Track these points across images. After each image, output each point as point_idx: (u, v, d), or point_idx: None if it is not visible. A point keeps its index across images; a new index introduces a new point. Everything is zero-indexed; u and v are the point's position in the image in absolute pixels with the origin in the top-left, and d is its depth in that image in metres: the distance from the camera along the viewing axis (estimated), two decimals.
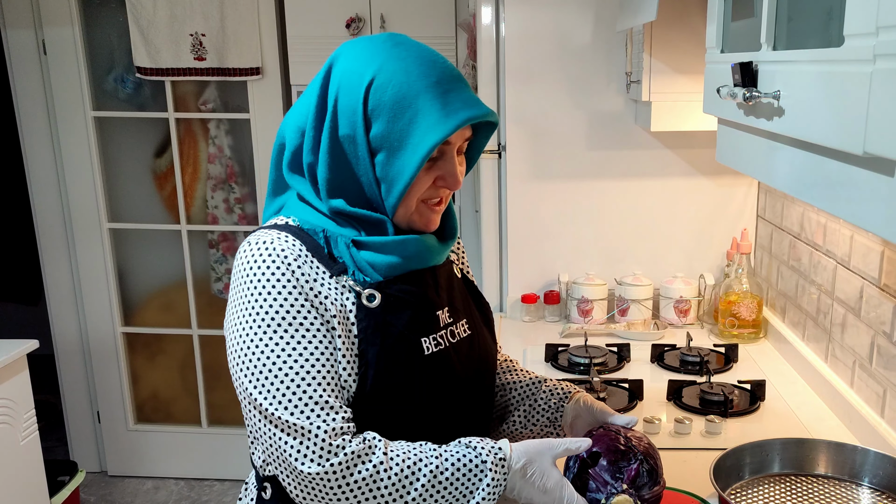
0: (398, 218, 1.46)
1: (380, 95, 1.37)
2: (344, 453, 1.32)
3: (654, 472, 1.50)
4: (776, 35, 1.45)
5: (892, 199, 1.02)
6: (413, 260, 1.47)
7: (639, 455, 1.50)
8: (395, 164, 1.39)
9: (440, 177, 1.44)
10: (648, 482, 1.49)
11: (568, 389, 1.73)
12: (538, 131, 2.97)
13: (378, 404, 1.42)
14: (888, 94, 0.98)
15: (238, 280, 1.40)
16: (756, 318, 2.74)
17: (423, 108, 1.37)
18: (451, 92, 1.39)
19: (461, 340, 1.55)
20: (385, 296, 1.43)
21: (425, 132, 1.36)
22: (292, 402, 1.33)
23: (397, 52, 1.41)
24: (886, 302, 1.95)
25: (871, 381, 2.05)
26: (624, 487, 1.45)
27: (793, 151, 1.39)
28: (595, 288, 2.93)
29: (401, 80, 1.37)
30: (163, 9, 3.79)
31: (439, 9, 3.78)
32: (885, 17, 0.98)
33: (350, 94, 1.40)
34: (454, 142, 1.43)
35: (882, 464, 1.74)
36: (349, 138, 1.40)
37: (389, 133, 1.38)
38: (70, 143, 4.11)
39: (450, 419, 1.53)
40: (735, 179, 2.96)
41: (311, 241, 1.43)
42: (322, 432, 1.32)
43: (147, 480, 4.53)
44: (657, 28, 2.47)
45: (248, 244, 1.41)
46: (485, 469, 1.38)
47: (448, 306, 1.55)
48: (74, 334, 4.37)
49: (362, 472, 1.32)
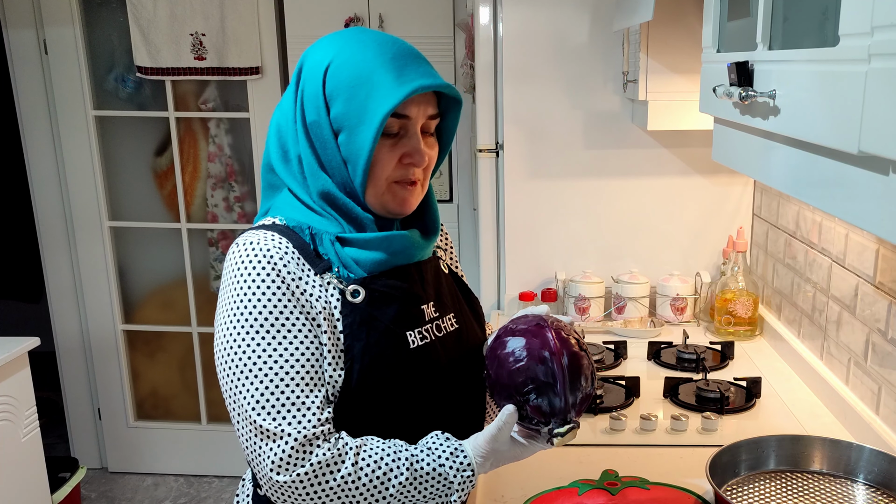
0: (371, 200, 1.46)
1: (337, 77, 1.39)
2: (310, 463, 1.33)
3: (538, 384, 1.45)
4: (772, 35, 1.45)
5: (886, 198, 1.03)
6: (397, 256, 1.48)
7: (518, 399, 1.46)
8: (356, 140, 1.40)
9: (405, 154, 1.44)
10: (550, 397, 1.45)
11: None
12: (535, 130, 2.97)
13: (364, 398, 1.42)
14: (883, 93, 0.98)
15: (226, 281, 1.41)
16: (752, 316, 2.75)
17: (378, 81, 1.37)
18: (408, 66, 1.40)
19: (448, 334, 1.56)
20: (369, 291, 1.44)
21: (379, 103, 1.36)
22: (270, 402, 1.34)
23: (357, 37, 1.43)
24: (881, 300, 1.95)
25: (865, 379, 2.05)
26: (545, 431, 1.46)
27: (788, 150, 1.39)
28: (592, 286, 2.94)
29: (357, 60, 1.39)
30: (163, 9, 3.80)
31: (437, 9, 3.79)
32: (880, 17, 0.98)
33: (312, 81, 1.42)
34: (414, 116, 1.42)
35: (877, 460, 1.74)
36: (315, 123, 1.42)
37: (348, 111, 1.39)
38: (71, 141, 4.12)
39: (438, 412, 1.54)
40: (731, 178, 2.97)
41: (297, 239, 1.43)
42: (292, 439, 1.33)
43: (147, 477, 4.54)
44: (654, 28, 2.47)
45: (237, 245, 1.42)
46: (452, 479, 1.43)
47: (434, 301, 1.55)
48: (75, 332, 4.39)
49: (330, 481, 1.34)
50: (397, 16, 3.81)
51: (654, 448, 2.02)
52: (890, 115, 0.96)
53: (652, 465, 1.91)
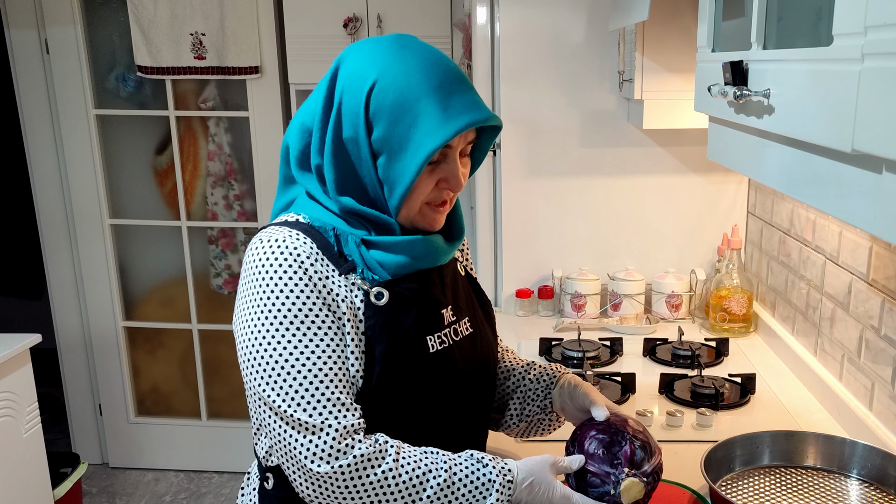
0: (401, 218, 1.46)
1: (381, 99, 1.37)
2: (353, 455, 1.32)
3: (646, 445, 1.51)
4: (766, 34, 1.45)
5: (880, 196, 1.03)
6: (421, 259, 1.48)
7: (627, 435, 1.51)
8: (396, 167, 1.38)
9: (443, 179, 1.44)
10: (645, 456, 1.49)
11: (553, 374, 1.73)
12: (532, 129, 2.98)
13: (382, 400, 1.42)
14: (876, 92, 0.99)
15: (250, 277, 1.40)
16: (746, 313, 2.76)
17: (424, 112, 1.36)
18: (454, 96, 1.38)
19: (464, 338, 1.56)
20: (393, 294, 1.43)
21: (425, 136, 1.35)
22: (305, 398, 1.33)
23: (401, 55, 1.40)
24: (874, 297, 1.96)
25: (859, 375, 2.06)
26: (626, 472, 1.46)
27: (782, 149, 1.40)
28: (588, 283, 2.95)
29: (402, 84, 1.36)
30: (163, 9, 3.81)
31: (435, 9, 3.80)
32: (873, 17, 0.99)
33: (353, 97, 1.39)
34: (456, 145, 1.42)
35: (870, 456, 1.76)
36: (352, 140, 1.40)
37: (390, 136, 1.37)
38: (72, 140, 4.13)
39: (451, 414, 1.54)
40: (726, 176, 2.97)
41: (322, 239, 1.42)
42: (333, 430, 1.32)
43: (147, 472, 4.55)
44: (649, 28, 2.48)
45: (261, 241, 1.41)
46: (491, 488, 1.39)
47: (452, 305, 1.55)
48: (76, 328, 4.40)
49: (371, 475, 1.33)
50: (395, 16, 3.81)
51: None
52: (883, 113, 0.97)
53: None
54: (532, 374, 1.75)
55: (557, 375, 1.73)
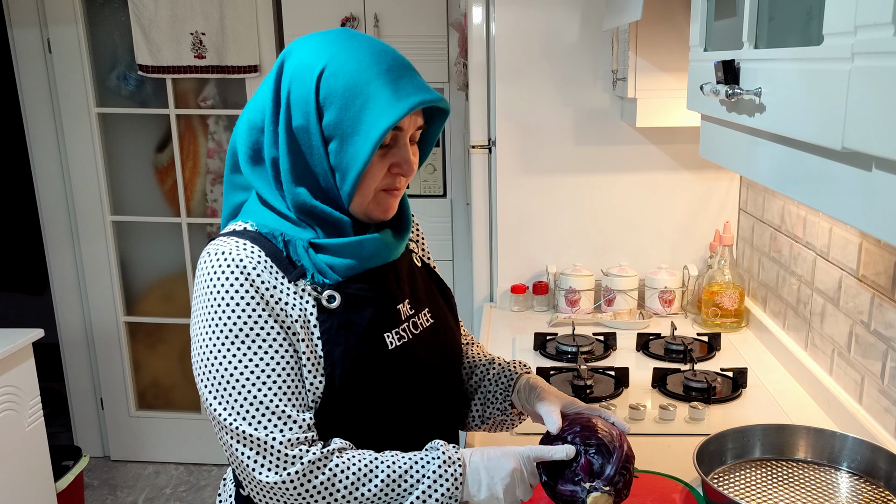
0: (355, 207, 1.44)
1: (331, 83, 1.36)
2: (301, 462, 1.33)
3: (602, 447, 1.46)
4: (758, 34, 1.45)
5: (869, 193, 1.03)
6: (371, 259, 1.47)
7: (579, 447, 1.47)
8: (349, 150, 1.37)
9: (394, 164, 1.43)
10: (604, 460, 1.45)
11: (512, 375, 1.72)
12: (527, 127, 2.98)
13: (347, 401, 1.42)
14: (866, 91, 0.98)
15: (199, 291, 1.39)
16: (738, 308, 2.76)
17: (375, 93, 1.35)
18: (403, 78, 1.38)
19: (424, 330, 1.55)
20: (345, 296, 1.43)
21: (377, 117, 1.35)
22: (249, 412, 1.33)
23: (349, 43, 1.40)
24: (864, 292, 1.97)
25: (849, 369, 2.07)
26: (587, 486, 1.44)
27: (773, 147, 1.39)
28: (582, 279, 2.95)
29: (352, 68, 1.36)
30: (164, 8, 3.83)
31: (431, 8, 3.82)
32: (863, 17, 0.99)
33: (302, 85, 1.38)
34: (406, 128, 1.41)
35: (860, 449, 1.77)
36: (303, 129, 1.38)
37: (342, 120, 1.36)
38: (74, 138, 4.16)
39: (421, 408, 1.54)
40: (718, 174, 2.98)
41: (270, 246, 1.41)
42: (278, 443, 1.32)
43: (148, 465, 4.58)
44: (642, 27, 2.47)
45: (208, 254, 1.39)
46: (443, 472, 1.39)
47: (409, 298, 1.54)
48: (78, 323, 4.42)
49: (320, 477, 1.34)
50: (392, 15, 3.83)
51: (642, 437, 2.03)
52: (872, 112, 0.97)
53: (640, 454, 1.85)
54: (491, 373, 1.74)
55: (515, 377, 1.72)
